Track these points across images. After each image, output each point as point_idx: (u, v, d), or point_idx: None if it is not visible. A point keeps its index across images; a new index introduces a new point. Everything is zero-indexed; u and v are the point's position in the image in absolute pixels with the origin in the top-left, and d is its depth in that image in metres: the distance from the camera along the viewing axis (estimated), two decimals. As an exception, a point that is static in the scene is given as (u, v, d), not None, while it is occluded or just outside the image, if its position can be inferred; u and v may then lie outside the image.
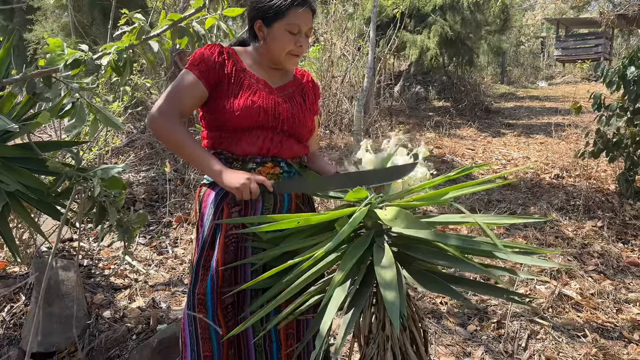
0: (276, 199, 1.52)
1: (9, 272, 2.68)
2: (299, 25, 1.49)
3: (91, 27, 5.43)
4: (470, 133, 8.39)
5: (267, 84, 1.56)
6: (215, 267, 1.46)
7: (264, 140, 1.50)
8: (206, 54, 1.52)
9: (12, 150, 1.99)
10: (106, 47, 1.98)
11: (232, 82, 1.51)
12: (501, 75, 16.74)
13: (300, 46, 1.52)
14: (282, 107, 1.54)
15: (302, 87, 1.66)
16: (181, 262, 3.07)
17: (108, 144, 3.41)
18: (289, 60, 1.55)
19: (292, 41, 1.50)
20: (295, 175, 1.59)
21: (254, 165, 1.50)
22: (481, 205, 4.51)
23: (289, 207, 1.55)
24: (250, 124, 1.49)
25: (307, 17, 1.50)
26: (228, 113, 1.47)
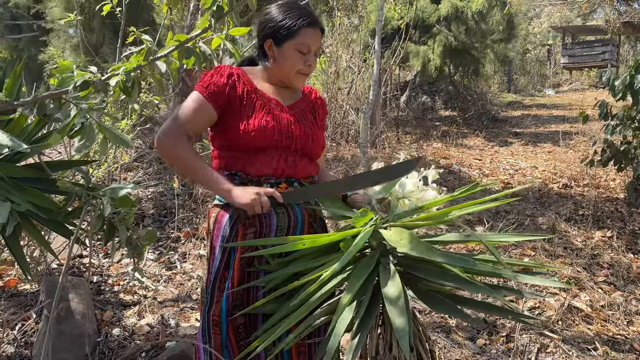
0: (290, 220, 1.53)
1: (20, 289, 2.71)
2: (309, 45, 1.53)
3: (102, 46, 5.50)
4: (478, 143, 8.38)
5: (278, 102, 1.59)
6: (231, 287, 1.47)
7: (278, 161, 1.52)
8: (216, 76, 1.53)
9: (23, 170, 2.02)
10: (115, 68, 2.02)
11: (244, 104, 1.52)
12: (508, 84, 16.72)
13: (309, 65, 1.55)
14: (295, 126, 1.56)
15: (312, 104, 1.68)
16: (189, 277, 3.09)
17: (117, 160, 3.45)
18: (298, 79, 1.58)
19: (302, 60, 1.54)
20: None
21: (268, 186, 1.51)
22: (489, 216, 4.49)
23: (302, 227, 1.56)
24: (265, 144, 1.50)
25: (316, 37, 1.55)
26: (242, 134, 1.48)
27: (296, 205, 1.55)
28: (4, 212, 1.77)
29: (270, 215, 1.50)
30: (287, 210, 1.53)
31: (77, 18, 3.01)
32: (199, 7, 4.42)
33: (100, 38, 5.59)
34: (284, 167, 1.52)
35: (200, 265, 3.24)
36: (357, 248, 1.26)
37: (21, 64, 1.98)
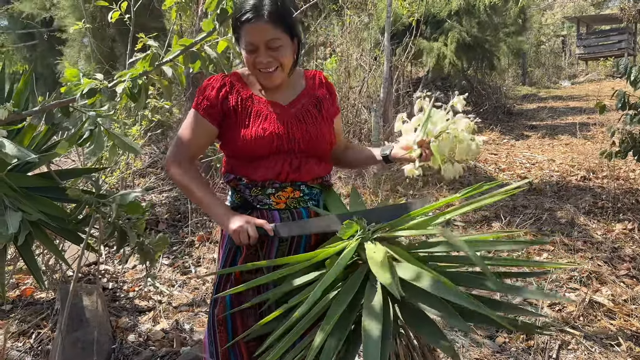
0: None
1: (36, 298, 2.73)
2: (251, 42, 1.41)
3: (113, 52, 5.55)
4: (493, 137, 8.28)
5: (276, 104, 1.52)
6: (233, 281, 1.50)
7: (282, 165, 1.47)
8: (207, 91, 1.53)
9: (33, 180, 2.03)
10: (121, 74, 2.01)
11: (239, 113, 1.49)
12: (522, 77, 16.52)
13: (262, 62, 1.42)
14: (296, 127, 1.49)
15: (315, 94, 1.57)
16: (204, 281, 3.09)
17: (130, 166, 3.46)
18: (264, 78, 1.48)
19: (252, 59, 1.44)
20: (318, 197, 1.56)
21: (273, 190, 1.48)
22: (506, 211, 4.43)
23: (308, 240, 1.51)
24: (266, 152, 1.47)
25: (258, 30, 1.40)
26: (241, 143, 1.47)
27: (302, 209, 1.51)
28: (15, 221, 1.78)
29: (274, 219, 1.48)
30: (291, 214, 1.50)
31: (86, 26, 3.02)
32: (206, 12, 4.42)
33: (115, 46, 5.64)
34: (288, 171, 1.47)
35: (214, 269, 3.23)
36: (340, 267, 1.20)
37: (28, 74, 1.99)
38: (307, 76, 1.61)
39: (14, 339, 2.36)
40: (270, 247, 1.49)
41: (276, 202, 1.49)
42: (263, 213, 1.49)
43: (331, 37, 8.53)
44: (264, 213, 1.49)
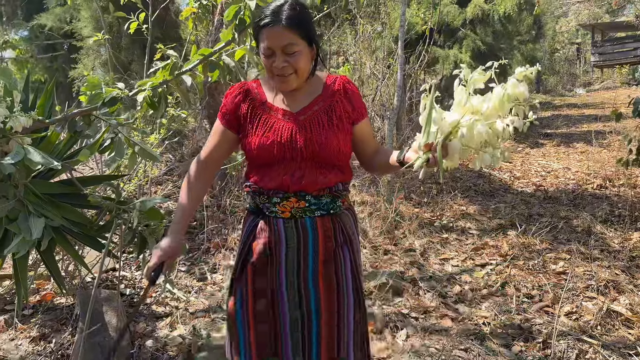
0: (298, 234, 1.50)
1: (56, 303, 2.77)
2: (268, 46, 1.42)
3: (131, 63, 5.64)
4: (507, 145, 8.24)
5: (286, 111, 1.51)
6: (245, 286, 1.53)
7: (284, 175, 1.47)
8: (227, 99, 1.58)
9: (56, 186, 2.08)
10: (141, 83, 2.06)
11: (248, 121, 1.53)
12: (537, 84, 16.44)
13: (277, 67, 1.43)
14: (300, 135, 1.47)
15: (330, 101, 1.52)
16: (220, 288, 3.11)
17: (147, 174, 3.51)
18: (278, 82, 1.48)
19: (269, 64, 1.45)
20: (329, 206, 1.51)
21: (278, 200, 1.49)
22: (522, 219, 4.41)
23: (315, 240, 1.51)
24: (269, 160, 1.49)
25: (275, 35, 1.40)
26: (248, 151, 1.51)
27: (306, 217, 1.50)
28: (39, 227, 1.81)
29: (279, 228, 1.50)
30: (295, 223, 1.50)
31: (105, 37, 3.08)
32: (222, 22, 4.48)
33: (129, 55, 5.74)
34: (289, 182, 1.47)
35: (230, 276, 3.26)
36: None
37: (51, 84, 2.04)
38: (327, 82, 1.56)
39: (34, 343, 2.40)
40: (279, 258, 1.51)
41: (281, 211, 1.50)
42: (270, 220, 1.52)
43: (344, 46, 8.57)
44: (271, 220, 1.52)
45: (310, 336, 1.51)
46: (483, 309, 2.93)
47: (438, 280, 3.32)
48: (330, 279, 1.52)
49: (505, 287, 3.19)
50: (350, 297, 1.54)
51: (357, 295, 1.57)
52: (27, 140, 1.74)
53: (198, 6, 3.38)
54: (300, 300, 1.51)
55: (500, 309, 2.90)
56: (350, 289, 1.54)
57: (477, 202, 5.06)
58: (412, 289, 3.15)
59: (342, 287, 1.53)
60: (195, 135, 5.47)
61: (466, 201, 5.03)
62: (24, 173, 1.84)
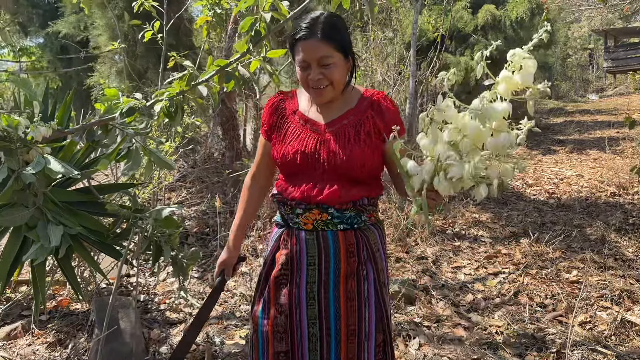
0: (319, 247, 1.49)
1: (72, 309, 2.81)
2: (304, 59, 1.43)
3: (147, 71, 5.70)
4: (520, 151, 8.21)
5: (315, 122, 1.52)
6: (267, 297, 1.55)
7: (306, 187, 1.47)
8: (264, 110, 1.63)
9: (74, 194, 2.11)
10: (159, 93, 2.09)
11: (277, 130, 1.56)
12: (549, 90, 16.33)
13: (313, 80, 1.43)
14: (324, 148, 1.46)
15: (361, 115, 1.49)
16: (232, 295, 3.13)
17: (161, 181, 3.54)
18: (314, 95, 1.48)
19: (304, 76, 1.45)
20: (353, 220, 1.49)
21: (300, 211, 1.49)
22: (535, 228, 4.38)
23: (336, 254, 1.48)
24: (293, 170, 1.50)
25: (310, 48, 1.41)
26: (275, 159, 1.54)
27: (328, 230, 1.48)
28: (57, 235, 1.85)
29: (300, 240, 1.50)
30: (317, 235, 1.49)
31: (121, 46, 3.13)
32: (236, 30, 4.52)
33: (145, 63, 5.80)
34: (311, 194, 1.46)
35: (242, 282, 3.28)
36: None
37: (70, 94, 2.08)
38: (363, 96, 1.54)
39: (51, 349, 2.43)
40: (300, 271, 1.51)
41: (304, 223, 1.50)
42: (293, 232, 1.52)
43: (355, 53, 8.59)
44: (294, 232, 1.52)
45: (329, 356, 1.49)
46: (496, 318, 2.92)
47: (450, 288, 3.32)
48: (352, 296, 1.49)
49: (518, 296, 3.18)
50: (372, 318, 1.50)
51: (381, 316, 1.53)
52: (46, 149, 1.78)
53: (212, 15, 3.42)
54: (319, 316, 1.49)
55: (513, 318, 2.89)
56: (372, 308, 1.51)
57: (490, 210, 5.04)
58: (425, 298, 3.15)
59: (363, 305, 1.49)
60: (207, 142, 5.53)
61: (478, 209, 5.02)
62: (44, 182, 1.87)
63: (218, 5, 3.03)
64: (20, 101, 2.01)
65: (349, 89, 1.53)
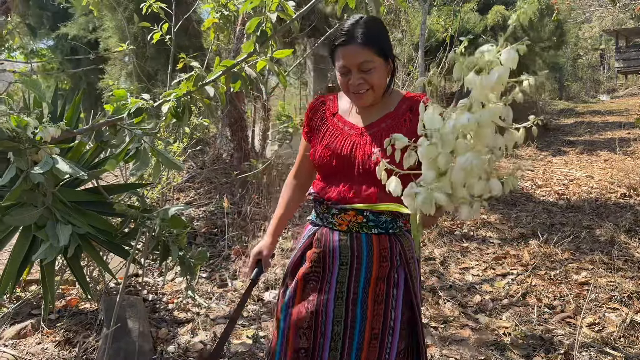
0: (352, 250, 1.48)
1: (81, 308, 2.83)
2: (344, 65, 1.43)
3: (157, 73, 5.75)
4: (530, 152, 8.17)
5: (354, 125, 1.52)
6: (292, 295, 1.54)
7: (342, 188, 1.47)
8: (306, 113, 1.66)
9: (82, 194, 2.13)
10: (166, 94, 2.10)
11: (316, 131, 1.58)
12: (559, 91, 16.24)
13: (353, 85, 1.44)
14: (359, 150, 1.46)
15: (398, 119, 1.48)
16: (240, 295, 3.14)
17: (170, 181, 3.57)
18: (354, 99, 1.49)
19: (345, 81, 1.46)
20: (388, 225, 1.47)
21: (336, 211, 1.50)
22: (543, 229, 4.36)
23: (369, 258, 1.47)
24: (329, 171, 1.51)
25: (351, 54, 1.41)
26: (313, 160, 1.56)
27: (363, 232, 1.48)
28: (66, 234, 1.87)
29: (334, 240, 1.50)
30: (351, 237, 1.48)
31: (129, 48, 3.16)
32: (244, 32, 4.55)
33: (155, 65, 5.85)
34: (347, 195, 1.46)
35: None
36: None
37: (79, 95, 2.10)
38: (404, 98, 1.53)
39: (60, 347, 2.45)
40: (332, 270, 1.51)
41: (339, 223, 1.50)
42: (327, 231, 1.53)
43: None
44: (328, 231, 1.52)
45: (350, 357, 1.47)
46: (504, 319, 2.91)
47: (458, 289, 3.31)
48: (380, 299, 1.47)
49: (527, 297, 3.16)
50: (397, 324, 1.48)
51: (413, 323, 1.52)
52: (55, 150, 1.80)
53: (219, 17, 3.44)
54: (345, 315, 1.48)
55: (521, 320, 2.88)
56: (398, 314, 1.49)
57: (498, 211, 5.02)
58: (432, 298, 3.14)
59: (390, 310, 1.48)
60: (216, 142, 5.55)
61: (487, 210, 5.00)
62: (52, 182, 1.89)
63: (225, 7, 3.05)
64: (29, 102, 2.03)
65: (389, 92, 1.53)
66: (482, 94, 0.77)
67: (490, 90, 0.75)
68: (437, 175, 0.79)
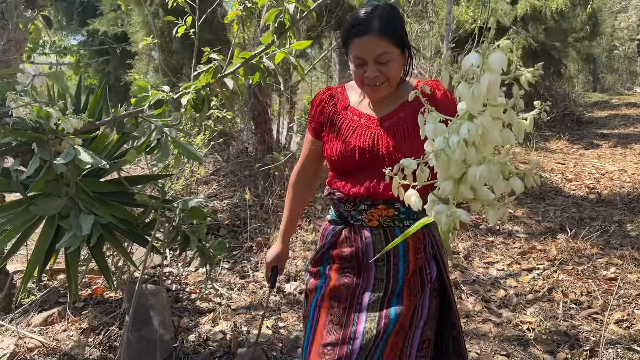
0: (389, 243, 1.41)
1: (106, 297, 2.90)
2: (360, 56, 1.36)
3: (182, 67, 5.82)
4: (561, 146, 7.98)
5: (370, 117, 1.46)
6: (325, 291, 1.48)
7: (370, 182, 1.40)
8: (311, 107, 1.58)
9: (105, 185, 2.17)
10: (186, 86, 2.12)
11: (329, 127, 1.51)
12: (593, 83, 15.81)
13: (369, 77, 1.37)
14: (382, 142, 1.40)
15: (416, 107, 1.39)
16: (261, 286, 3.16)
17: (194, 174, 3.61)
18: (368, 92, 1.43)
19: (360, 73, 1.38)
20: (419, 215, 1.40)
21: (365, 207, 1.43)
22: (572, 223, 4.26)
23: (406, 253, 1.43)
24: (352, 166, 1.44)
25: (368, 45, 1.34)
26: (330, 157, 1.48)
27: (396, 227, 1.42)
28: (88, 224, 1.90)
29: (366, 237, 1.44)
30: (384, 232, 1.43)
31: (154, 41, 3.20)
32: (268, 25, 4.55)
33: (180, 59, 5.91)
34: (378, 189, 1.39)
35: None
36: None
37: (101, 88, 2.14)
38: (417, 87, 1.37)
39: (84, 335, 2.51)
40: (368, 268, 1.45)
41: (368, 219, 1.43)
42: (356, 229, 1.46)
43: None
44: (357, 229, 1.46)
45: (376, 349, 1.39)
46: (528, 314, 2.86)
47: (482, 284, 3.26)
48: (415, 292, 1.43)
49: (552, 293, 3.10)
50: (424, 314, 1.43)
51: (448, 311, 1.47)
52: (78, 141, 1.83)
53: (242, 9, 3.45)
54: (380, 312, 1.41)
55: (546, 315, 2.82)
56: (426, 304, 1.44)
57: (526, 205, 4.92)
58: (455, 293, 3.10)
59: (420, 301, 1.43)
60: (242, 136, 5.59)
61: (514, 203, 4.90)
62: (75, 172, 1.93)
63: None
64: (54, 94, 2.08)
65: (403, 82, 1.47)
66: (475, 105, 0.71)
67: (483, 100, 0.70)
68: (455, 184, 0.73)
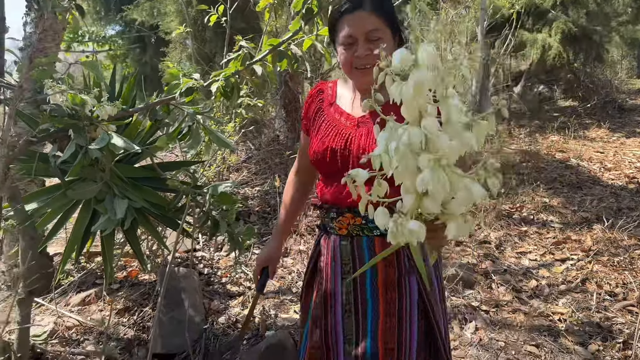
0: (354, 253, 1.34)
1: (140, 279, 2.99)
2: (350, 33, 1.26)
3: (215, 55, 5.89)
4: (601, 134, 7.73)
5: (349, 116, 1.35)
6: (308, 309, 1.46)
7: (336, 189, 1.32)
8: (304, 102, 1.52)
9: (138, 170, 2.24)
10: (215, 74, 2.16)
11: (312, 124, 1.44)
12: (638, 69, 15.19)
13: (359, 57, 1.27)
14: (354, 143, 1.28)
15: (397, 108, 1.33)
16: (290, 271, 3.21)
17: (225, 161, 3.67)
18: (357, 77, 1.32)
19: (349, 55, 1.28)
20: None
21: (334, 215, 1.36)
22: (609, 213, 4.14)
23: (374, 278, 1.32)
24: (325, 169, 1.36)
25: (358, 20, 1.26)
26: (309, 158, 1.41)
27: (364, 235, 1.32)
28: (122, 208, 1.97)
29: (335, 247, 1.37)
30: (351, 241, 1.34)
31: (187, 30, 3.25)
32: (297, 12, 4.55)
33: (213, 48, 5.99)
34: (340, 195, 1.30)
35: (300, 260, 3.35)
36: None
37: (135, 75, 2.19)
38: None
39: (119, 315, 2.61)
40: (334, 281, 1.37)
41: (338, 228, 1.36)
42: (330, 237, 1.39)
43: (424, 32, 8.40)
44: (330, 237, 1.39)
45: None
46: (560, 305, 2.81)
47: (513, 274, 3.22)
48: (392, 312, 1.30)
49: (586, 284, 3.04)
50: (414, 338, 1.30)
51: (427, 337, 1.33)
52: (112, 127, 1.89)
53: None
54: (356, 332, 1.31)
55: (579, 306, 2.77)
56: (414, 328, 1.30)
57: (562, 195, 4.80)
58: (485, 282, 3.07)
59: (405, 323, 1.30)
60: (273, 124, 5.63)
61: (550, 193, 4.80)
62: (110, 158, 1.99)
63: (278, -14, 3.06)
64: (89, 82, 2.15)
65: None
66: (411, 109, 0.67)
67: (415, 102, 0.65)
68: (418, 197, 0.67)
